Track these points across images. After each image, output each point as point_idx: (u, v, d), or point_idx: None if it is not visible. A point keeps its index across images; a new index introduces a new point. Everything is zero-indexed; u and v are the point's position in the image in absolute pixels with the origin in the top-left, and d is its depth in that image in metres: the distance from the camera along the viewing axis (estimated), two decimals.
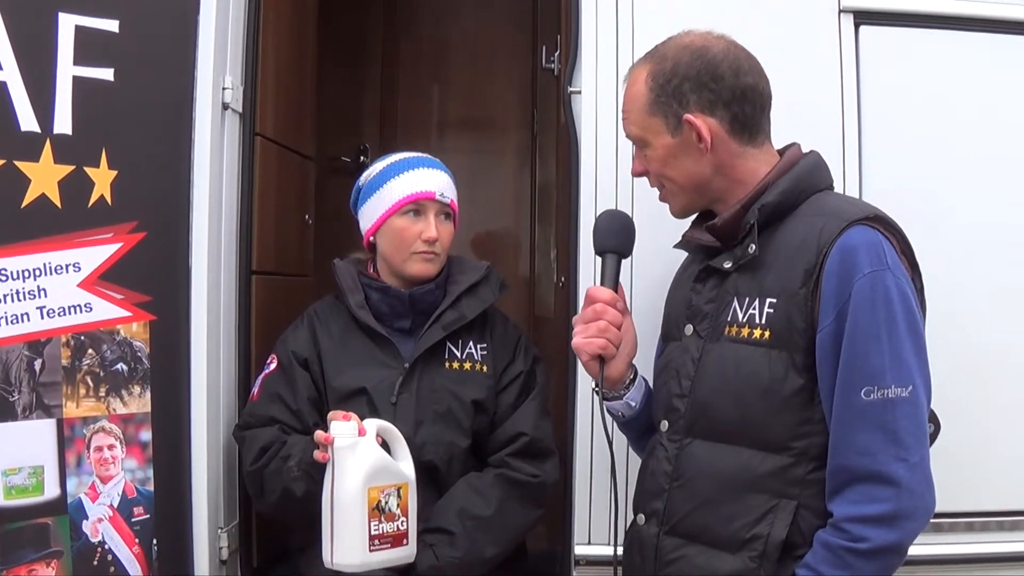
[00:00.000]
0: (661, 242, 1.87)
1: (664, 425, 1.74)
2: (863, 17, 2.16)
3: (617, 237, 1.82)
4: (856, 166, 2.12)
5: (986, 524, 2.13)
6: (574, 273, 2.16)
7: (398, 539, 1.89)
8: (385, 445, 1.94)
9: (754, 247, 1.63)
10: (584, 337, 1.75)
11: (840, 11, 2.15)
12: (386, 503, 1.87)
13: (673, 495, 1.69)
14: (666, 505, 1.70)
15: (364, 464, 1.86)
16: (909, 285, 1.56)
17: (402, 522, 1.90)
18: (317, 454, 1.91)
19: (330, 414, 1.94)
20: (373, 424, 1.92)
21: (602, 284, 1.79)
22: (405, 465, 1.93)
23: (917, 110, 2.16)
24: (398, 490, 1.89)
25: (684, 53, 1.68)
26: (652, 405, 1.82)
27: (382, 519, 1.87)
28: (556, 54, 2.97)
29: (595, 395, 1.79)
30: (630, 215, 1.89)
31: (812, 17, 2.15)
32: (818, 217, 1.61)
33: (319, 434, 1.90)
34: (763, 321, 1.61)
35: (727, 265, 1.68)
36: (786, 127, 1.76)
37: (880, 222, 1.60)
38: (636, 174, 1.80)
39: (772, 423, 1.59)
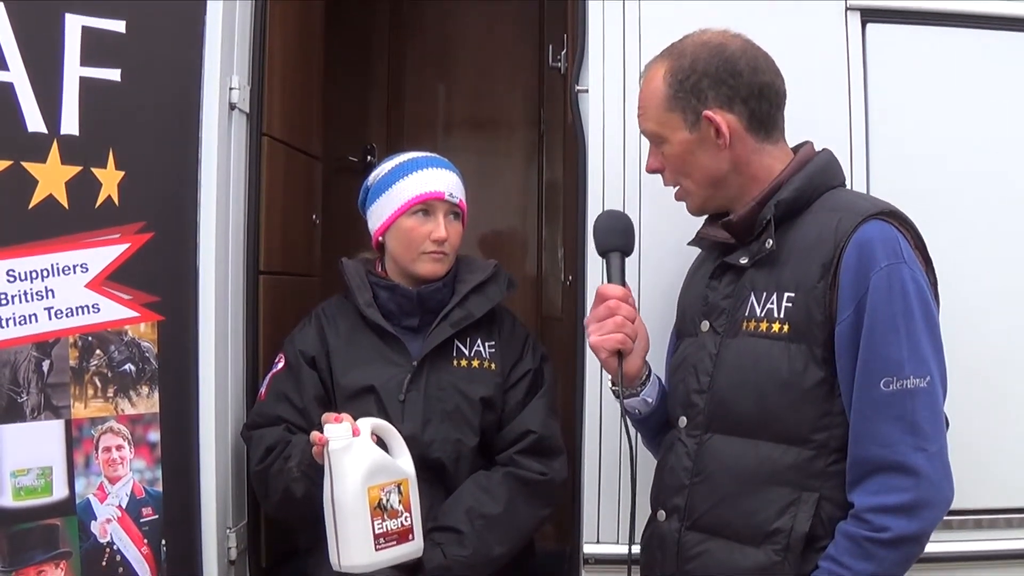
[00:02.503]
0: (668, 240, 1.87)
1: (682, 421, 1.74)
2: (870, 15, 2.15)
3: (619, 236, 1.82)
4: (863, 164, 2.11)
5: (994, 521, 2.12)
6: (582, 272, 2.16)
7: (403, 535, 1.89)
8: (382, 443, 1.94)
9: (771, 242, 1.64)
10: (601, 334, 1.75)
11: (847, 9, 2.14)
12: (387, 500, 1.87)
13: (694, 490, 1.70)
14: (687, 501, 1.70)
15: (361, 465, 1.86)
16: (924, 279, 1.59)
17: (406, 518, 1.89)
18: (315, 450, 1.91)
19: (323, 416, 1.94)
20: (367, 423, 1.92)
21: (610, 282, 1.79)
22: (403, 461, 1.93)
23: (924, 108, 2.15)
24: (398, 486, 1.89)
25: (702, 50, 1.69)
26: (668, 402, 1.83)
27: (385, 517, 1.86)
28: (563, 53, 2.97)
29: (613, 393, 1.78)
30: (630, 215, 1.89)
31: (819, 15, 2.14)
32: (833, 212, 1.63)
33: (314, 435, 1.90)
34: (782, 315, 1.62)
35: (743, 261, 1.69)
36: (793, 125, 1.76)
37: (895, 217, 1.62)
38: (651, 170, 1.80)
39: (792, 416, 1.61)
